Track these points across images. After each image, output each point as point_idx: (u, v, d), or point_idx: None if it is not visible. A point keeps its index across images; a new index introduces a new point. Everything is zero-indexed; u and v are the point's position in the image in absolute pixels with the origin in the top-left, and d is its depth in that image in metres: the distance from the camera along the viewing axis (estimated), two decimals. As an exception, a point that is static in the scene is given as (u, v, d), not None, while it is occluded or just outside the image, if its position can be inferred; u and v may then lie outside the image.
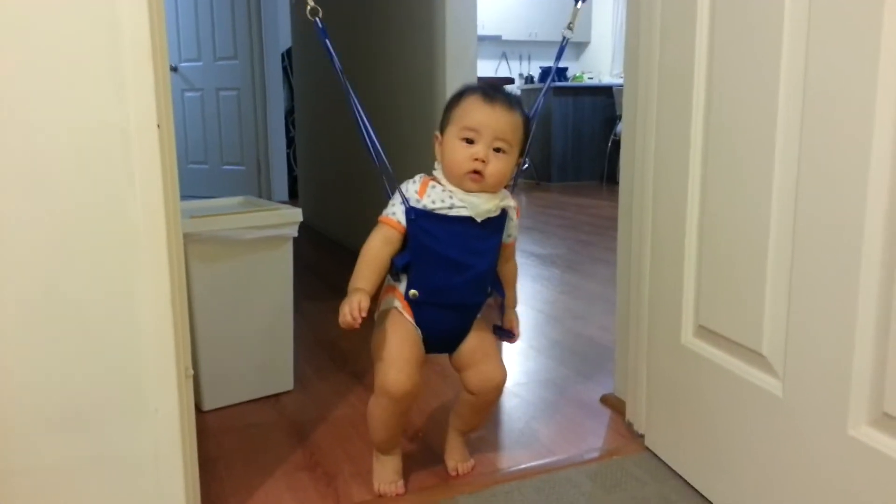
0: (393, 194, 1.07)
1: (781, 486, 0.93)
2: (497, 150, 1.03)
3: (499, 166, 1.03)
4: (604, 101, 6.01)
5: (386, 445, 1.12)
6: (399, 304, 1.08)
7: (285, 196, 4.68)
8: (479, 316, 1.14)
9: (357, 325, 0.98)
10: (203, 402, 1.44)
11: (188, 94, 4.62)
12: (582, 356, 1.77)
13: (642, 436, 1.28)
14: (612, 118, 5.92)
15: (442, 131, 1.07)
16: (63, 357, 0.88)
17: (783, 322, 0.91)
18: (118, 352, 0.91)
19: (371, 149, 1.10)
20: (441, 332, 1.10)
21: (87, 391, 0.90)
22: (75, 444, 0.90)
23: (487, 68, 6.51)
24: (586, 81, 6.46)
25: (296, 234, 1.49)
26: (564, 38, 1.23)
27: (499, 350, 1.15)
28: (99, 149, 0.87)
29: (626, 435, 1.32)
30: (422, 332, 1.08)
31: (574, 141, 6.02)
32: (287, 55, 4.59)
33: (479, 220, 1.04)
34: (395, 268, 1.06)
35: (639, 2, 1.23)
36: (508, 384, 1.60)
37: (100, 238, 0.88)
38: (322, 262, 2.83)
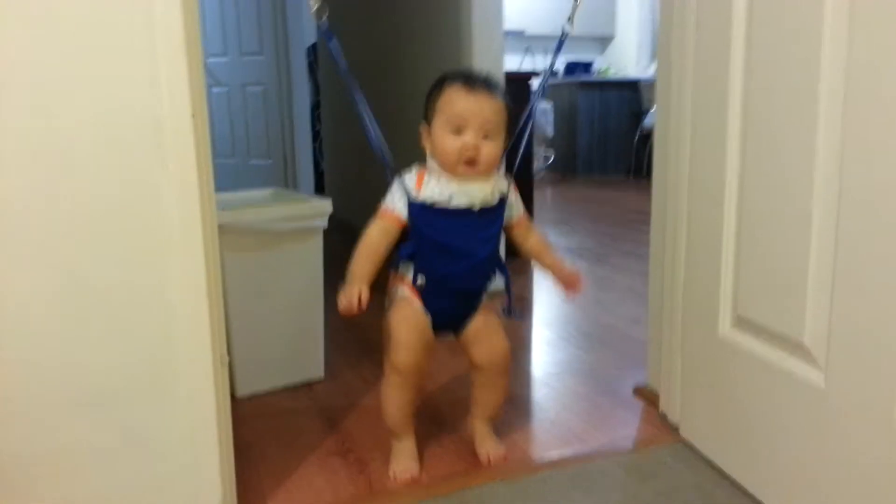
0: (392, 185, 1.11)
1: (822, 477, 0.91)
2: (485, 136, 1.06)
3: (489, 150, 1.06)
4: (630, 95, 5.93)
5: (399, 427, 1.16)
6: (407, 292, 1.12)
7: (312, 189, 4.70)
8: (485, 298, 1.16)
9: (356, 312, 1.04)
10: (236, 388, 1.46)
11: (215, 89, 4.67)
12: (612, 348, 1.75)
13: (676, 427, 1.27)
14: (639, 112, 5.85)
15: (428, 122, 1.10)
16: (94, 342, 0.89)
17: (826, 312, 0.89)
18: (150, 338, 0.92)
19: (374, 142, 1.15)
20: (448, 315, 1.14)
21: (119, 376, 0.91)
22: (107, 428, 0.91)
23: (511, 63, 6.46)
24: (611, 76, 6.40)
25: (325, 226, 1.50)
26: (564, 31, 1.26)
27: (502, 328, 1.17)
28: (131, 137, 0.87)
29: (659, 426, 1.31)
30: (430, 316, 1.12)
31: (600, 135, 5.96)
32: (312, 50, 4.61)
33: (476, 209, 1.07)
34: (401, 257, 1.11)
35: (672, -8, 1.21)
36: (539, 374, 1.60)
37: (133, 225, 0.89)
38: (349, 253, 2.83)
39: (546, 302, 2.22)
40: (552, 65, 1.34)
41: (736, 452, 1.09)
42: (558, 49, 1.28)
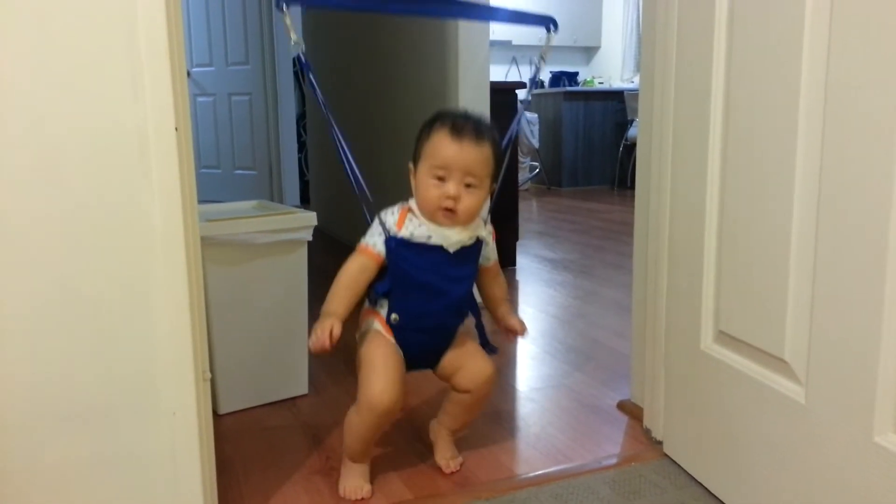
0: (372, 222, 1.11)
1: (803, 492, 0.92)
2: (468, 185, 1.06)
3: (470, 201, 1.06)
4: (615, 105, 5.99)
5: (359, 455, 1.14)
6: (380, 326, 1.12)
7: (297, 201, 4.69)
8: (459, 332, 1.17)
9: (328, 349, 1.03)
10: (219, 405, 1.44)
11: (200, 98, 4.65)
12: (597, 362, 1.76)
13: (660, 442, 1.27)
14: (623, 123, 5.90)
15: (415, 163, 1.10)
16: (78, 356, 0.88)
17: (806, 327, 0.90)
18: (134, 353, 0.91)
19: (351, 177, 1.14)
20: (422, 351, 1.14)
21: (102, 390, 0.90)
22: (90, 443, 0.90)
23: (497, 73, 6.50)
24: (597, 86, 6.45)
25: (310, 238, 1.49)
26: (536, 67, 1.30)
27: (482, 351, 1.17)
28: (115, 150, 0.87)
29: (643, 441, 1.31)
30: (403, 352, 1.11)
31: (585, 146, 6.00)
32: (298, 60, 4.61)
33: (451, 250, 1.08)
34: (376, 294, 1.11)
35: (655, 6, 1.22)
36: (523, 389, 1.60)
37: (116, 238, 0.88)
38: (334, 266, 2.82)
39: (531, 316, 2.22)
40: (524, 103, 1.38)
41: (719, 468, 1.10)
42: (531, 84, 1.35)
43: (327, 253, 3.25)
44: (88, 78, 0.85)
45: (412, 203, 1.10)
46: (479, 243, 1.13)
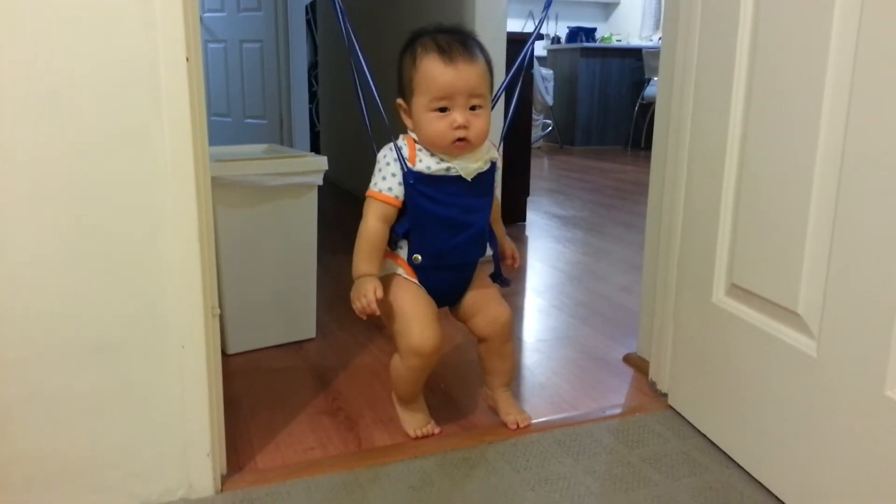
0: (381, 161, 1.04)
1: (812, 445, 0.92)
2: (473, 107, 1.00)
3: (480, 124, 1.01)
4: (632, 63, 5.87)
5: (413, 397, 1.14)
6: (402, 269, 1.08)
7: (307, 151, 4.66)
8: (478, 268, 1.15)
9: (376, 312, 0.98)
10: (228, 345, 1.45)
11: (211, 45, 4.58)
12: (604, 316, 1.76)
13: (665, 395, 1.27)
14: (640, 81, 5.80)
15: (405, 98, 1.03)
16: (89, 289, 0.89)
17: (822, 281, 0.89)
18: (144, 286, 0.91)
19: (361, 108, 1.07)
20: (444, 290, 1.11)
21: (113, 324, 0.90)
22: (100, 375, 0.91)
23: (513, 27, 6.36)
24: (615, 43, 6.31)
25: (320, 183, 1.48)
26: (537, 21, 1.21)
27: (499, 294, 1.15)
28: (126, 81, 0.86)
29: (648, 394, 1.31)
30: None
31: (600, 104, 5.91)
32: (311, 8, 4.52)
33: (469, 179, 1.03)
34: (396, 235, 1.05)
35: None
36: (530, 340, 1.60)
37: (126, 171, 0.88)
38: (344, 217, 2.83)
39: (539, 271, 2.22)
40: (535, 32, 1.30)
41: (724, 421, 1.10)
42: (544, 14, 1.25)
43: (337, 204, 3.24)
44: (98, 8, 0.83)
45: (413, 136, 1.04)
46: (493, 167, 1.07)
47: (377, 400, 1.28)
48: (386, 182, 1.03)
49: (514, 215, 2.86)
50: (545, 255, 2.41)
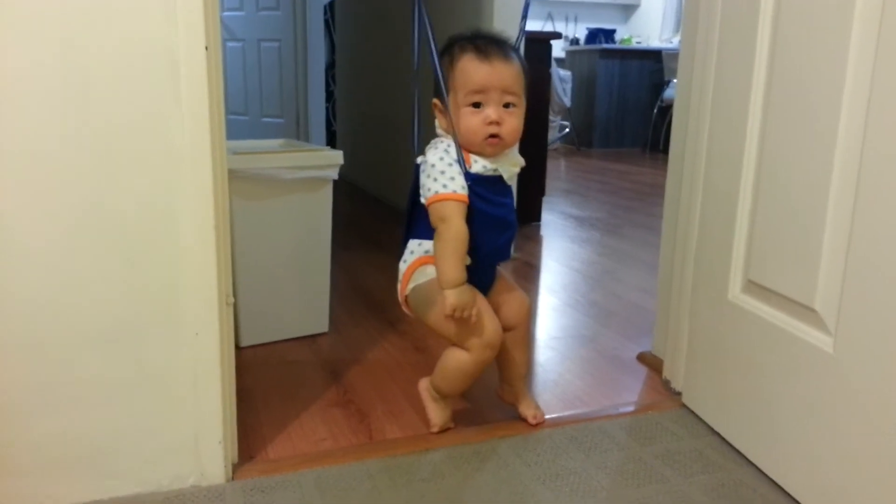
0: (437, 164, 1.01)
1: (829, 443, 0.90)
2: (507, 105, 1.01)
3: (513, 122, 1.02)
4: (651, 65, 5.83)
5: (460, 393, 1.16)
6: None
7: (324, 149, 4.68)
8: None
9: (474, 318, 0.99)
10: (241, 337, 1.46)
11: (230, 44, 4.62)
12: (618, 316, 1.74)
13: (679, 393, 1.26)
14: (659, 84, 5.76)
15: (440, 98, 1.03)
16: (106, 275, 0.90)
17: (839, 277, 0.88)
18: (160, 273, 0.92)
19: (415, 110, 1.06)
20: (480, 289, 1.09)
21: (129, 310, 0.91)
22: (115, 362, 0.92)
23: (533, 28, 6.35)
24: (634, 45, 6.28)
25: (336, 177, 1.48)
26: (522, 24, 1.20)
27: (510, 280, 1.18)
28: (145, 69, 0.87)
29: (662, 392, 1.30)
30: None
31: (618, 106, 5.87)
32: (329, 8, 4.54)
33: (510, 181, 1.06)
34: None
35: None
36: (543, 338, 1.59)
37: (144, 158, 0.89)
38: (359, 215, 2.84)
39: (554, 270, 2.21)
40: (523, 26, 1.26)
41: (738, 419, 1.09)
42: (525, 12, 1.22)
43: (353, 203, 3.25)
44: (120, -3, 0.84)
45: (444, 137, 1.04)
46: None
47: (389, 393, 1.28)
48: (455, 182, 0.99)
49: (530, 215, 2.85)
50: (560, 254, 2.40)
